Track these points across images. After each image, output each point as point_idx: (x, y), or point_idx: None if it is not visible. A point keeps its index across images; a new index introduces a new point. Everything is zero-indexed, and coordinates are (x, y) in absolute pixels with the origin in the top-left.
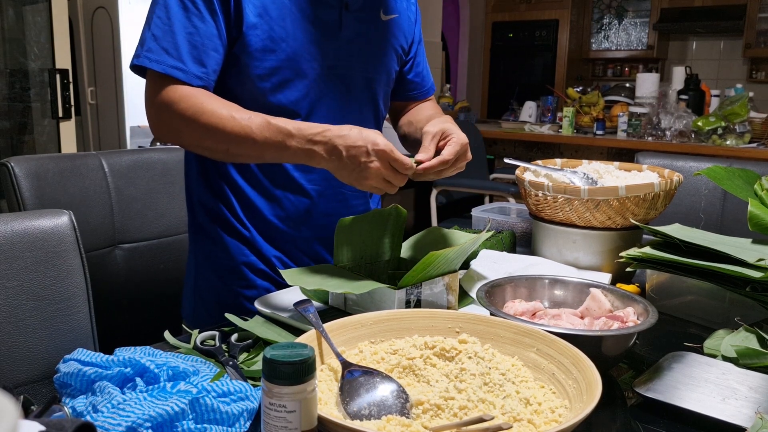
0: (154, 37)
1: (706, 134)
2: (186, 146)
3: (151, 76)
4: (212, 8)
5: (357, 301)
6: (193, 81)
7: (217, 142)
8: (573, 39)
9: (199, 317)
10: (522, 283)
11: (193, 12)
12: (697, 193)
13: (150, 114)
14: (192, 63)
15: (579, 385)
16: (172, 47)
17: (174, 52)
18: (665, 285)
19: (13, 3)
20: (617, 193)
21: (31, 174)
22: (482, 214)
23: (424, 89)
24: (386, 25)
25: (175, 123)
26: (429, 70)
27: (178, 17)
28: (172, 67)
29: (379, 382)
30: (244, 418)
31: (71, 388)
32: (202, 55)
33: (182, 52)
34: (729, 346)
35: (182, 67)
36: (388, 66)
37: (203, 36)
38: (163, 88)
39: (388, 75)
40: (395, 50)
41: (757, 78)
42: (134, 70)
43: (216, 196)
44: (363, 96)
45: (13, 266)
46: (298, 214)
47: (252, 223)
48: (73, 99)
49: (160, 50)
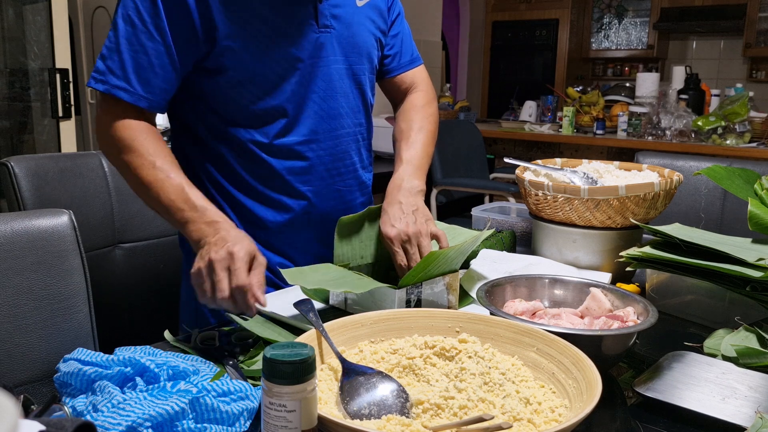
0: (102, 57)
1: (706, 134)
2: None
3: (100, 97)
4: (160, 26)
5: (357, 300)
6: (139, 102)
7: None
8: (573, 38)
9: (196, 314)
10: (522, 283)
11: (140, 30)
12: (697, 193)
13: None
14: (137, 83)
15: (579, 384)
16: (117, 67)
17: (119, 71)
18: (665, 284)
19: (13, 2)
20: (617, 192)
21: (31, 173)
22: (482, 213)
23: (404, 61)
24: (362, 10)
25: (110, 151)
26: (411, 43)
27: (125, 36)
28: (116, 87)
29: (379, 382)
30: (244, 417)
31: (71, 387)
32: (149, 74)
33: (128, 72)
34: (729, 345)
35: (127, 87)
36: (369, 52)
37: (150, 55)
38: (109, 107)
39: (371, 62)
40: (374, 35)
41: (757, 77)
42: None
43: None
44: (347, 86)
45: (13, 266)
46: (297, 217)
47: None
48: (73, 98)
49: (106, 70)
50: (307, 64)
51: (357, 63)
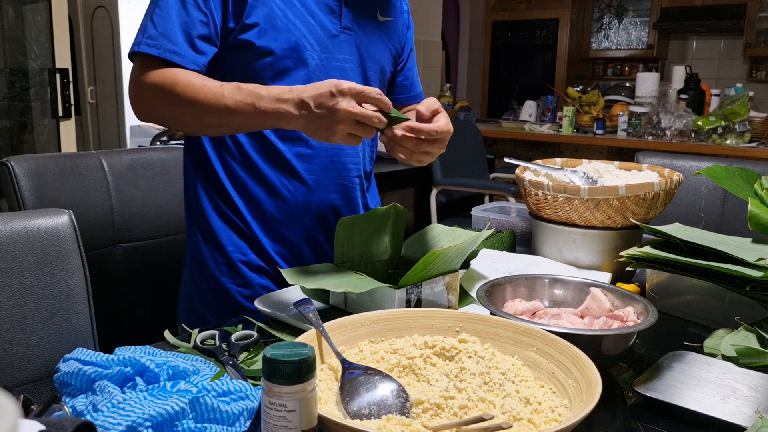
0: (153, 24)
1: (706, 134)
2: (165, 121)
3: (142, 60)
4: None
5: (357, 300)
6: (189, 65)
7: (192, 113)
8: (573, 38)
9: (194, 314)
10: (522, 283)
11: (189, 2)
12: (697, 193)
13: (132, 94)
14: (188, 49)
15: (579, 384)
16: (170, 33)
17: (172, 37)
18: (665, 284)
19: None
20: (617, 192)
21: (31, 173)
22: (482, 213)
23: (413, 94)
24: (382, 25)
25: (152, 98)
26: (418, 78)
27: (174, 6)
28: (169, 51)
29: (379, 382)
30: (244, 417)
31: (71, 387)
32: (196, 42)
33: (179, 39)
34: (729, 345)
35: (179, 52)
36: (383, 62)
37: (198, 25)
38: (150, 70)
39: (383, 73)
40: (389, 50)
41: (757, 77)
42: (132, 57)
43: (215, 190)
44: None
45: (13, 265)
46: (297, 203)
47: (252, 214)
48: (73, 98)
49: (159, 36)
50: (324, 57)
51: (371, 69)
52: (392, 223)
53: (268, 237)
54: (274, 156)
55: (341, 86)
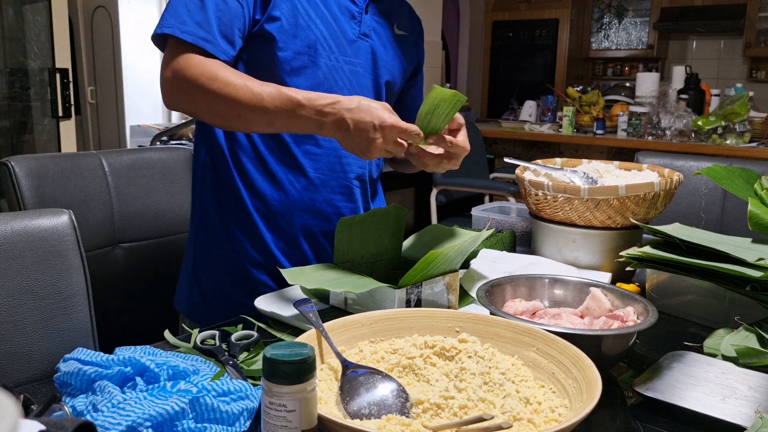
0: (188, 11)
1: (706, 134)
2: (198, 113)
3: (174, 46)
4: None
5: (357, 300)
6: (220, 55)
7: (229, 108)
8: (573, 38)
9: (194, 307)
10: (522, 283)
11: None
12: (697, 193)
13: (165, 81)
14: (221, 39)
15: (579, 384)
16: (204, 21)
17: (206, 26)
18: (665, 284)
19: (12, 2)
20: (617, 192)
21: (31, 173)
22: (482, 213)
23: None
24: (398, 39)
25: (189, 89)
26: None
27: None
28: (202, 39)
29: (379, 382)
30: (244, 417)
31: (71, 387)
32: (229, 33)
33: (213, 28)
34: (729, 345)
35: (212, 40)
36: (395, 73)
37: (232, 15)
38: (182, 55)
39: (394, 84)
40: (401, 63)
41: (757, 77)
42: (157, 39)
43: (222, 182)
44: (369, 95)
45: (14, 265)
46: (302, 199)
47: (256, 208)
48: (73, 98)
49: (193, 23)
50: (340, 59)
51: (383, 77)
52: (392, 223)
53: (270, 231)
54: (283, 152)
55: (384, 122)
